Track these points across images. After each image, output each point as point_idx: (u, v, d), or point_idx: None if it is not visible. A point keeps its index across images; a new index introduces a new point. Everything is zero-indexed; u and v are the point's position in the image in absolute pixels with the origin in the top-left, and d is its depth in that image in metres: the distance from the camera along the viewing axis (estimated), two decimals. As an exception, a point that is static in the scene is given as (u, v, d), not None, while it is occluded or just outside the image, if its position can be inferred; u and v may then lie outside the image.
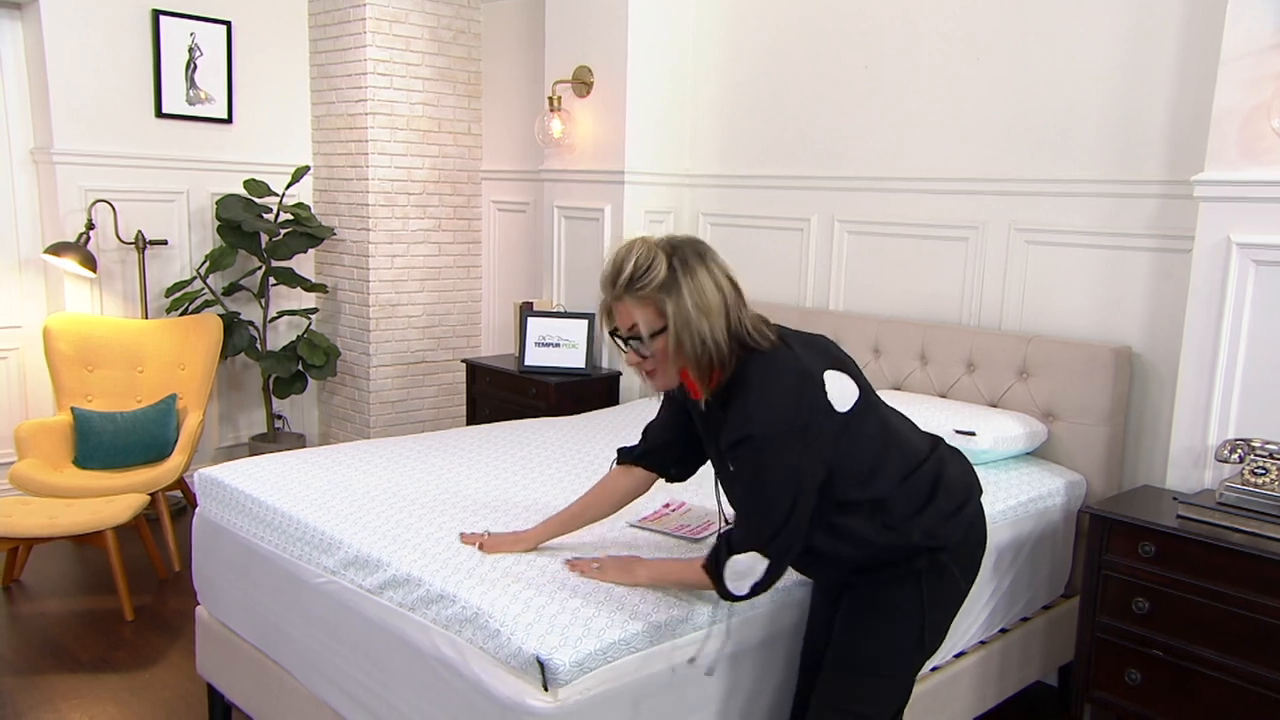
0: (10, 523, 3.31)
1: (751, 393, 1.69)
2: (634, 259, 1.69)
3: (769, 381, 1.70)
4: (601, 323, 1.81)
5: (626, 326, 1.73)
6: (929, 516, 1.80)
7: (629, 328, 1.72)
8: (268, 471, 2.59)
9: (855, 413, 1.76)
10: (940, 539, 1.81)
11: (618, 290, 1.70)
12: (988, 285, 3.29)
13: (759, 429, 1.67)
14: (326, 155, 5.00)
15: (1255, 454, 2.44)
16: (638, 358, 1.75)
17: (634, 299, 1.69)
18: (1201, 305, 2.62)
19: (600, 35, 4.04)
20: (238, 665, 2.55)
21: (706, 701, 1.94)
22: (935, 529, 1.81)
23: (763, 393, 1.69)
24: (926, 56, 3.40)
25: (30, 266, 4.40)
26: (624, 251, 1.71)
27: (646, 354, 1.73)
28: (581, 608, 1.83)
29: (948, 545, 1.82)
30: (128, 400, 4.17)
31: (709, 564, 1.78)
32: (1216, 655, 2.32)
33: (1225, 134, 2.54)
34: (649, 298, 1.69)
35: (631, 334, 1.72)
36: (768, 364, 1.72)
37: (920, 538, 1.79)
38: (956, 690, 2.57)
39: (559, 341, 4.10)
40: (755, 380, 1.70)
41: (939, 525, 1.81)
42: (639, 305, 1.69)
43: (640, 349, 1.73)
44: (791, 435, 1.68)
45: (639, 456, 2.05)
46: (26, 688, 2.96)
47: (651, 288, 1.68)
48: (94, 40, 4.30)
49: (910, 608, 1.82)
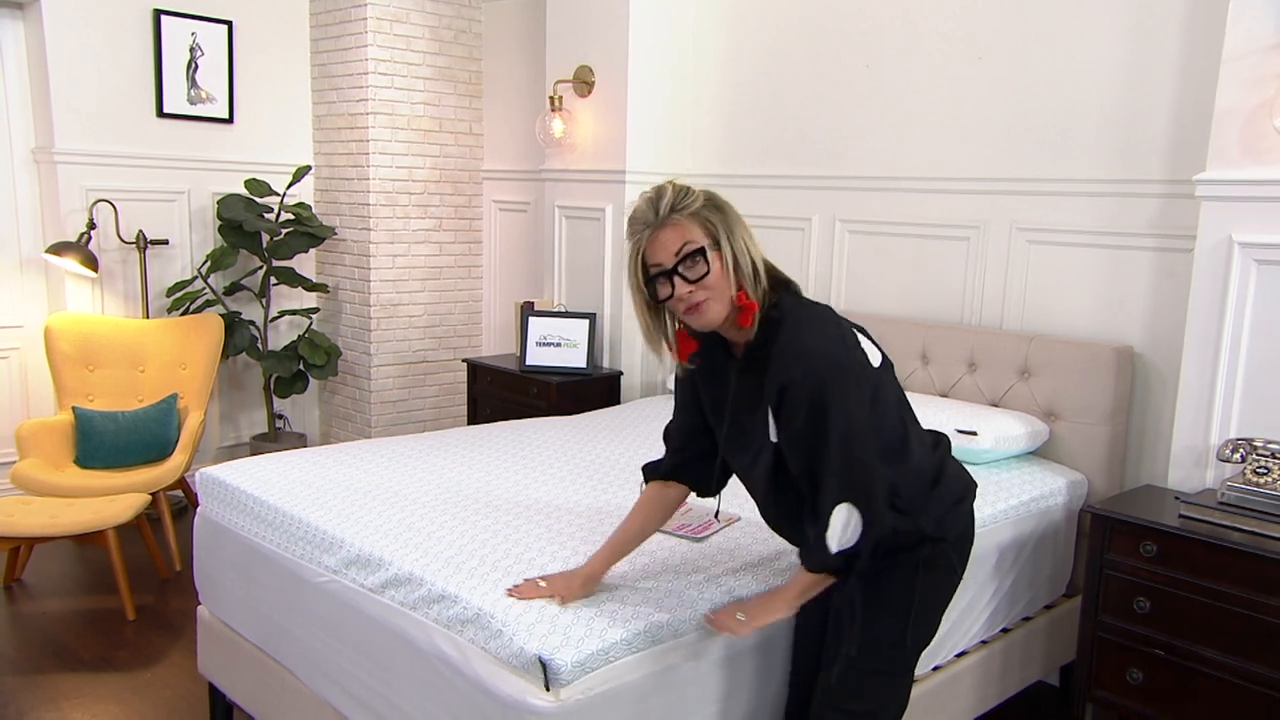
0: (12, 522, 3.32)
1: (799, 331, 1.66)
2: (670, 188, 1.68)
3: (812, 321, 1.68)
4: (634, 270, 1.71)
5: (675, 250, 1.65)
6: (935, 504, 1.80)
7: (677, 250, 1.66)
8: (269, 471, 2.59)
9: (882, 372, 1.76)
10: (945, 528, 1.81)
11: (662, 215, 1.66)
12: (989, 285, 3.29)
13: (813, 363, 1.63)
14: (327, 155, 5.00)
15: (1257, 453, 2.43)
16: (689, 286, 1.65)
17: (684, 217, 1.66)
18: (1203, 305, 2.62)
19: (601, 35, 4.03)
20: (239, 664, 2.55)
21: (708, 701, 1.94)
22: (943, 517, 1.81)
23: (810, 330, 1.66)
24: (927, 56, 3.39)
25: (32, 266, 4.40)
26: (653, 190, 1.69)
27: (698, 277, 1.65)
28: (583, 608, 1.83)
29: (948, 536, 1.82)
30: (129, 400, 4.17)
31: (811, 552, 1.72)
32: (1218, 655, 2.32)
33: (1227, 133, 2.54)
34: (696, 214, 1.66)
35: (682, 255, 1.66)
36: (805, 306, 1.71)
37: (929, 525, 1.78)
38: (958, 690, 2.57)
39: (560, 341, 4.10)
40: (796, 321, 1.67)
41: (945, 513, 1.81)
42: (690, 222, 1.66)
43: (692, 273, 1.65)
44: (846, 370, 1.66)
45: (669, 472, 1.96)
46: (28, 687, 2.96)
47: (696, 206, 1.67)
48: (95, 40, 4.30)
49: (909, 598, 1.81)
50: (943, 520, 1.81)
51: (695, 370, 1.86)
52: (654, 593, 1.93)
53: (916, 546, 1.79)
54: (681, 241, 1.66)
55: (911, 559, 1.79)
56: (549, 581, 1.89)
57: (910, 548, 1.78)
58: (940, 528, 1.80)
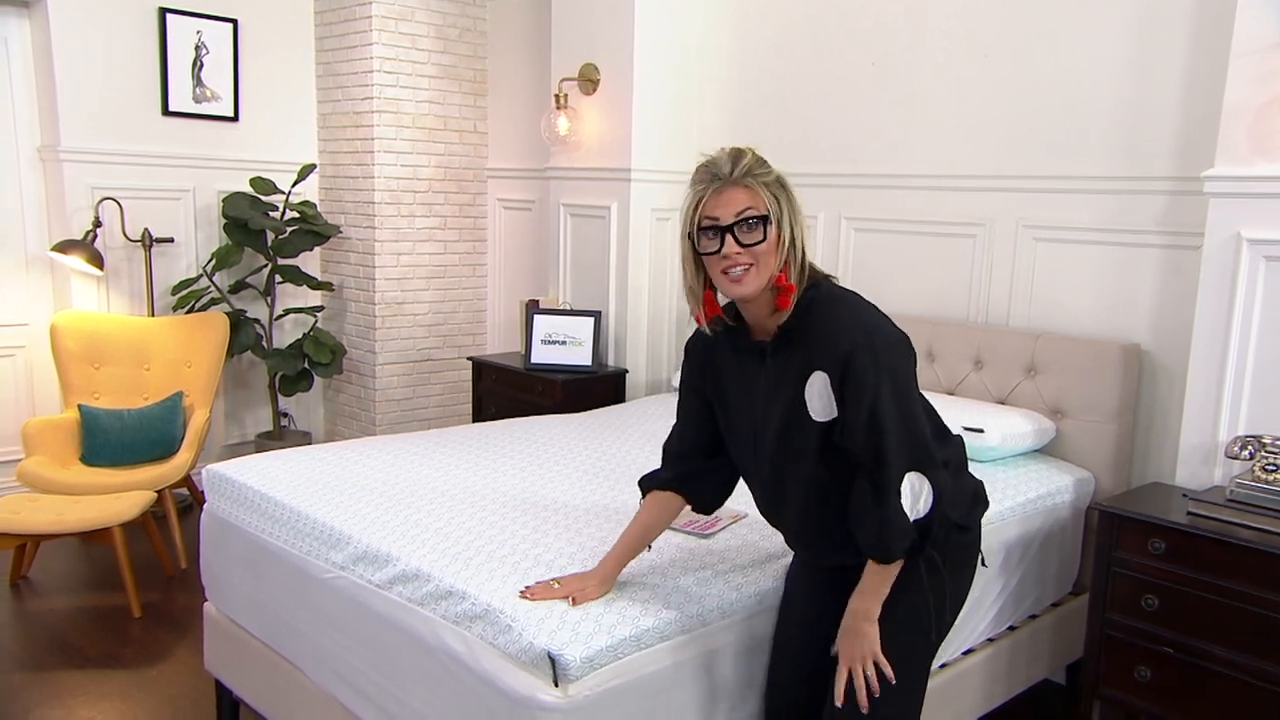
0: (18, 520, 3.32)
1: (848, 310, 1.69)
2: (751, 154, 1.71)
3: (858, 302, 1.71)
4: (690, 218, 1.72)
5: (737, 210, 1.67)
6: (962, 493, 1.80)
7: (740, 211, 1.67)
8: (276, 468, 2.59)
9: None
10: (972, 519, 1.81)
11: (737, 174, 1.68)
12: (995, 282, 3.28)
13: (872, 337, 1.64)
14: (332, 153, 5.00)
15: (1266, 450, 2.43)
16: (738, 248, 1.66)
17: (755, 183, 1.68)
18: (1211, 301, 2.61)
19: (606, 32, 4.03)
20: (246, 661, 2.55)
21: (718, 697, 1.94)
22: (970, 508, 1.81)
23: (860, 309, 1.69)
24: (933, 53, 3.39)
25: (37, 264, 4.41)
26: (735, 149, 1.72)
27: (752, 243, 1.66)
28: (592, 604, 1.83)
29: (974, 526, 1.82)
30: (134, 398, 4.17)
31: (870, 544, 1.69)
32: (1227, 652, 2.31)
33: (1235, 129, 2.53)
34: (769, 185, 1.69)
35: (743, 216, 1.66)
36: (840, 293, 1.74)
37: (960, 515, 1.77)
38: (964, 687, 2.56)
39: (565, 339, 4.10)
40: (840, 302, 1.70)
41: (971, 505, 1.82)
42: (760, 189, 1.68)
43: (747, 238, 1.66)
44: (901, 344, 1.67)
45: (669, 482, 1.94)
46: (35, 684, 2.96)
47: (771, 179, 1.70)
48: (101, 38, 4.31)
49: (930, 591, 1.77)
50: (969, 511, 1.81)
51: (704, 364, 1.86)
52: (662, 589, 1.93)
53: (946, 538, 1.75)
54: (747, 204, 1.68)
55: (940, 552, 1.76)
56: (563, 583, 1.88)
57: (940, 540, 1.74)
58: (968, 517, 1.80)
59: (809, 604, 1.94)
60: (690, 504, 1.96)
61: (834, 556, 1.85)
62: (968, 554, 1.85)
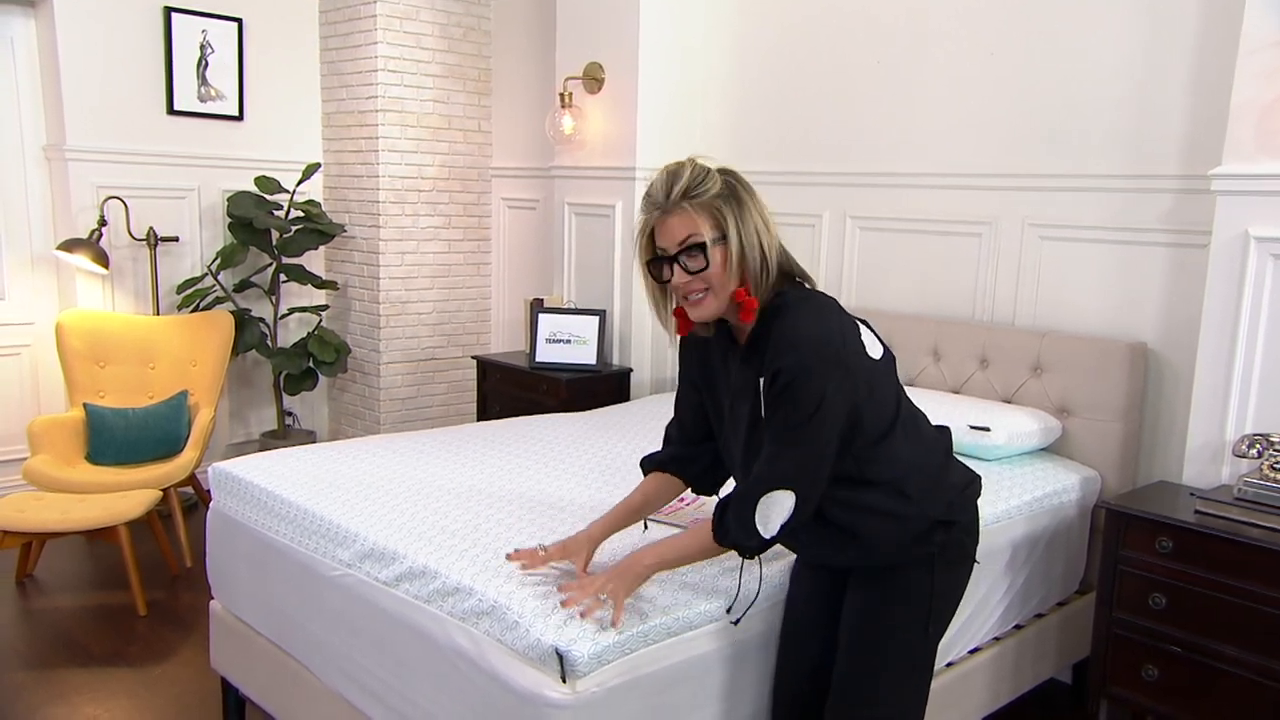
0: (23, 518, 3.32)
1: (797, 319, 1.65)
2: (688, 171, 1.66)
3: (811, 310, 1.67)
4: (639, 251, 1.71)
5: (679, 240, 1.64)
6: (944, 490, 1.80)
7: (682, 240, 1.65)
8: (282, 466, 2.59)
9: (882, 365, 1.75)
10: (955, 513, 1.80)
11: (673, 199, 1.64)
12: (1001, 281, 3.28)
13: (804, 351, 1.61)
14: (337, 152, 5.01)
15: (1274, 448, 2.42)
16: (687, 277, 1.65)
17: (693, 206, 1.64)
18: (1219, 300, 2.61)
19: (611, 32, 4.03)
20: (252, 659, 2.55)
21: (725, 693, 1.93)
22: (951, 502, 1.80)
23: (807, 318, 1.65)
24: (937, 52, 3.38)
25: (43, 263, 4.41)
26: (674, 167, 1.67)
27: (699, 269, 1.64)
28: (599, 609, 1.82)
29: (959, 520, 1.81)
30: (139, 396, 4.18)
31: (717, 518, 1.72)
32: (1235, 651, 2.31)
33: (1243, 127, 2.52)
34: (708, 204, 1.64)
35: (685, 246, 1.65)
36: (807, 296, 1.70)
37: (938, 510, 1.77)
38: (970, 686, 2.56)
39: (570, 338, 4.10)
40: (795, 310, 1.67)
41: (954, 499, 1.81)
42: (698, 212, 1.63)
43: (692, 265, 1.64)
44: (835, 361, 1.63)
45: (664, 462, 1.98)
46: (40, 682, 2.96)
47: (710, 195, 1.64)
48: (106, 38, 4.31)
49: (928, 589, 1.79)
50: (951, 505, 1.80)
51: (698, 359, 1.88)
52: (670, 585, 1.92)
53: (929, 534, 1.77)
54: (686, 233, 1.65)
55: (926, 548, 1.78)
56: (549, 551, 1.92)
57: (924, 537, 1.77)
58: (950, 512, 1.79)
59: (810, 600, 1.96)
60: (689, 485, 1.99)
61: (818, 555, 1.90)
62: (961, 551, 1.84)
